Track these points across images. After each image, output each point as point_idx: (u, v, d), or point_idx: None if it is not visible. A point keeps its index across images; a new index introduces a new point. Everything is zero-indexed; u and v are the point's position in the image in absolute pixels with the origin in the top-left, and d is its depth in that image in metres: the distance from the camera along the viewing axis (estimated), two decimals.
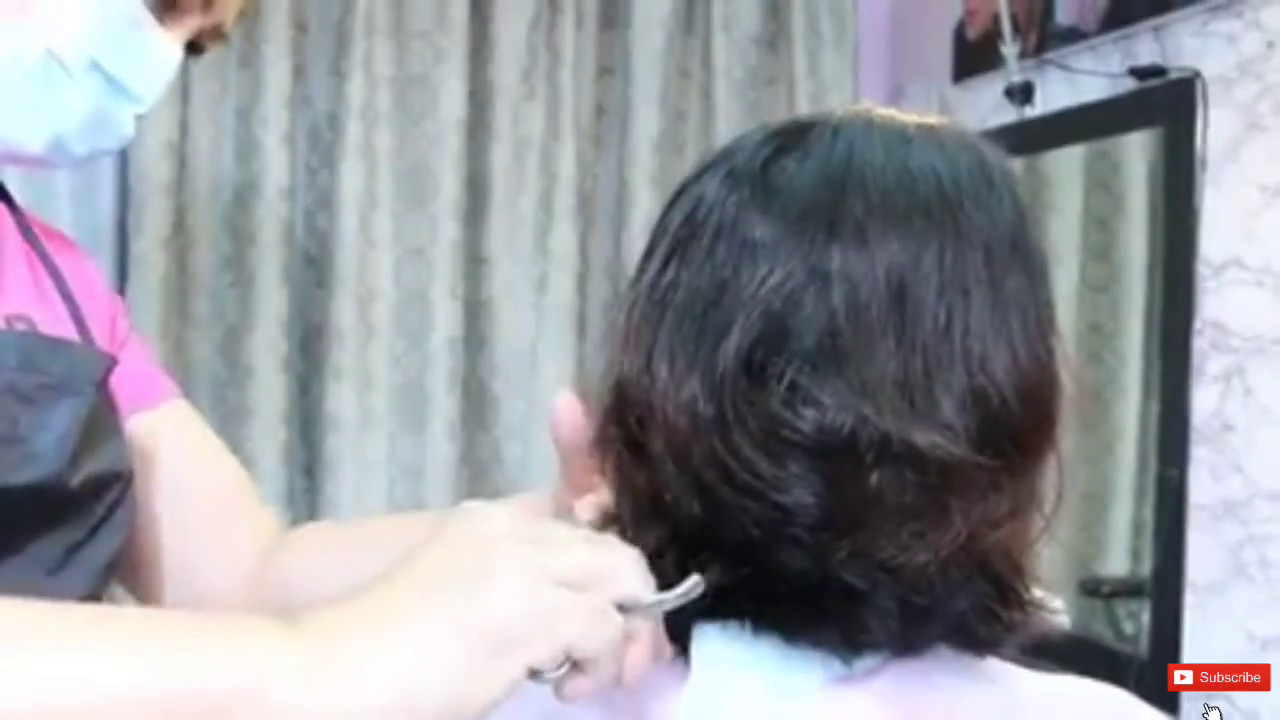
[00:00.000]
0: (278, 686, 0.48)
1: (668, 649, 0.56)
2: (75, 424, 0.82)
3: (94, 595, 0.86)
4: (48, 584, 0.80)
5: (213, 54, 1.00)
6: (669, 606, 0.54)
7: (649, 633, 0.54)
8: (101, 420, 0.86)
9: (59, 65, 0.86)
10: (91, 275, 0.99)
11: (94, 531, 0.85)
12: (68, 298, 0.92)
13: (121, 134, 0.92)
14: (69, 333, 0.90)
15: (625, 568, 0.53)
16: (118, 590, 0.95)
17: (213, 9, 0.93)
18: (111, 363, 0.87)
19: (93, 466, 0.84)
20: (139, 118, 0.92)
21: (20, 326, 0.86)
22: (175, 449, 0.96)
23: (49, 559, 0.82)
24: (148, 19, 0.89)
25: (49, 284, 0.92)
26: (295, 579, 0.93)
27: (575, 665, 0.51)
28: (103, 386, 0.86)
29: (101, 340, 0.93)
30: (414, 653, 0.49)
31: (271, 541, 0.98)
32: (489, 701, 0.50)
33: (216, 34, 0.96)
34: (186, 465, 0.96)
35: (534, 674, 0.51)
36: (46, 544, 0.82)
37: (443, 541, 0.52)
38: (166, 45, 0.91)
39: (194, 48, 0.94)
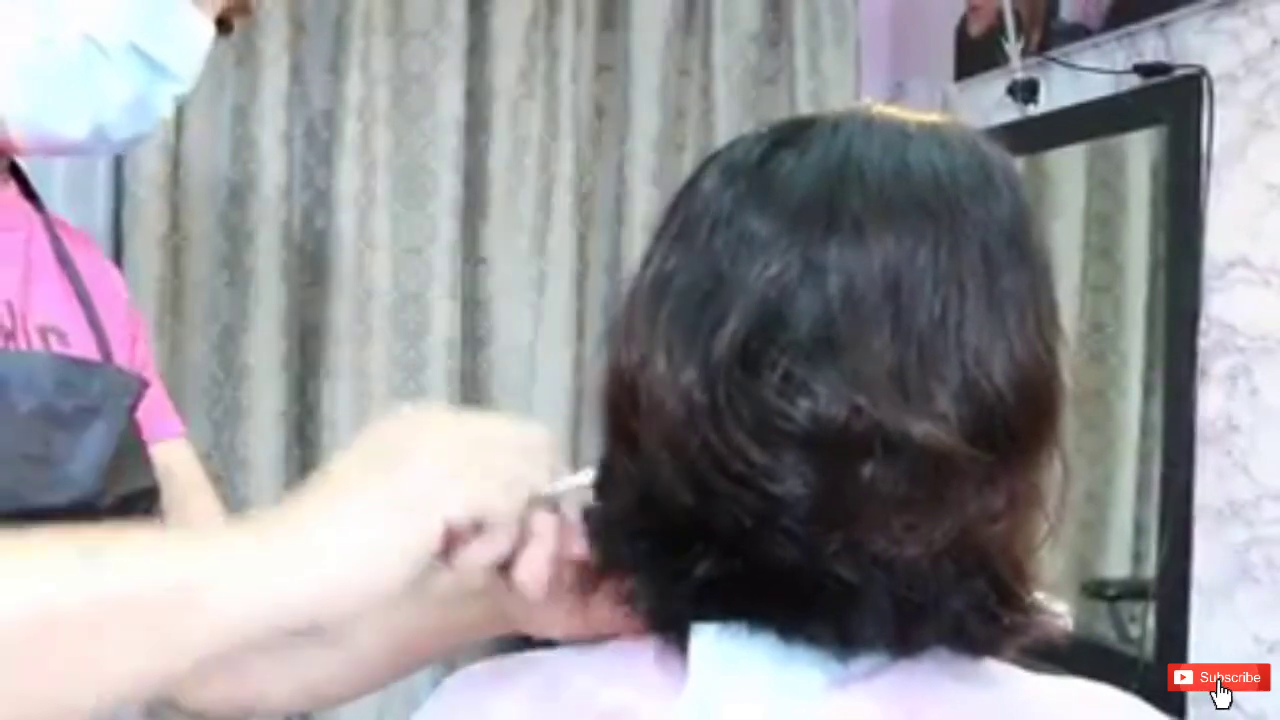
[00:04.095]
0: (236, 577, 0.54)
1: (577, 548, 0.59)
2: (109, 447, 0.84)
3: None
4: None
5: (210, 50, 0.99)
6: (564, 493, 0.58)
7: (550, 531, 0.58)
8: (129, 439, 0.87)
9: (97, 49, 0.86)
10: (114, 288, 0.99)
11: None
12: (92, 315, 0.92)
13: (159, 116, 0.92)
14: (93, 351, 0.90)
15: (536, 465, 0.59)
16: None
17: None
18: (144, 385, 0.89)
19: (122, 487, 0.85)
20: (177, 98, 0.92)
21: (53, 339, 0.87)
22: (170, 490, 0.96)
23: None
24: None
25: (76, 299, 0.92)
26: None
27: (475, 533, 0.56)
28: (134, 409, 0.87)
29: (121, 360, 0.94)
30: (349, 528, 0.55)
31: None
32: (411, 557, 0.55)
33: (243, 9, 0.96)
34: (178, 507, 0.97)
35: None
36: None
37: (375, 430, 0.58)
38: (199, 22, 0.91)
39: (222, 26, 0.94)
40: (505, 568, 0.59)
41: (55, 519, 0.79)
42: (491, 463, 0.56)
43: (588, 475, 0.58)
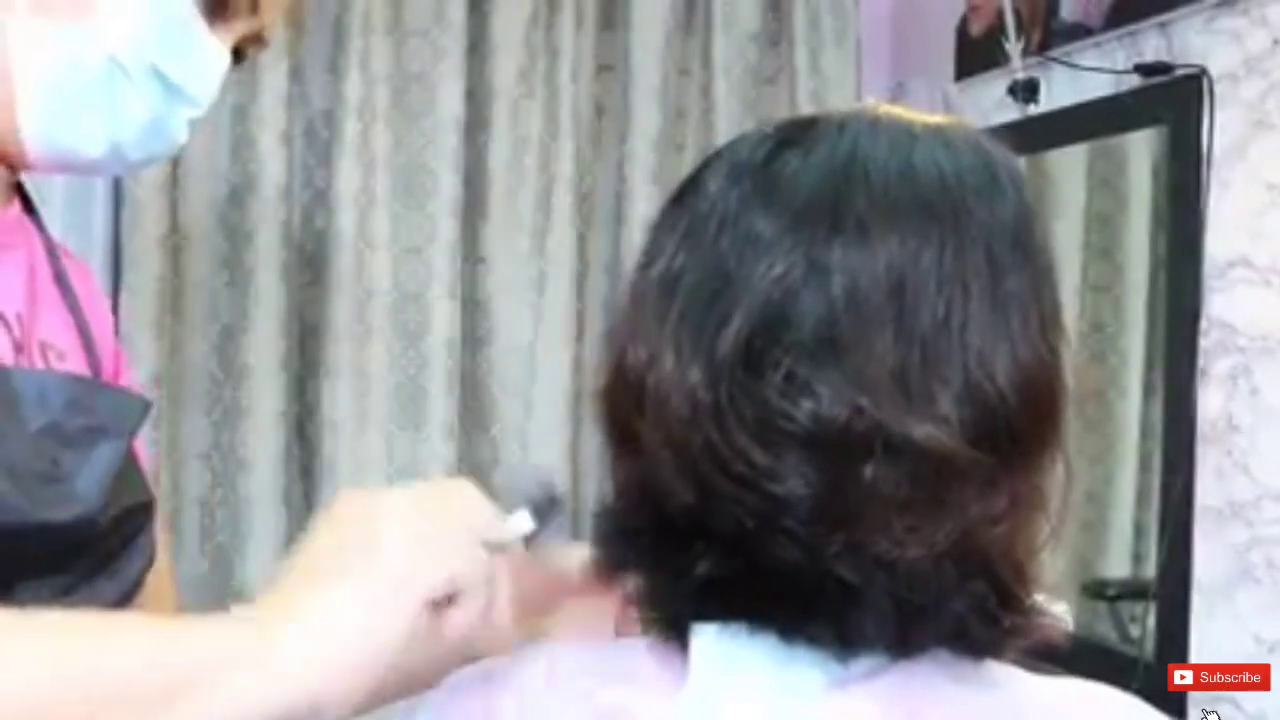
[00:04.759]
0: (234, 667, 0.56)
1: (529, 576, 0.66)
2: (113, 466, 0.85)
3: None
4: (72, 603, 0.82)
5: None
6: (507, 539, 0.63)
7: (505, 576, 0.62)
8: (128, 456, 0.88)
9: (121, 71, 0.86)
10: (104, 316, 1.00)
11: (120, 557, 0.87)
12: (86, 337, 0.93)
13: (175, 139, 0.93)
14: (84, 368, 0.91)
15: (475, 512, 0.63)
16: None
17: (259, 12, 0.94)
18: (148, 407, 0.90)
19: (121, 503, 0.86)
20: (192, 122, 0.93)
21: (52, 356, 0.88)
22: None
23: (78, 581, 0.83)
24: (200, 23, 0.90)
25: (72, 320, 0.93)
26: None
27: (451, 602, 0.60)
28: (137, 429, 0.89)
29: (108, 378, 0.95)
30: (337, 615, 0.57)
31: None
32: (400, 635, 0.58)
33: (258, 40, 0.96)
34: None
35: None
36: (79, 569, 0.84)
37: (332, 529, 0.61)
38: (217, 49, 0.91)
39: (236, 55, 0.95)
40: None
41: (58, 535, 0.80)
42: (448, 530, 0.60)
43: (523, 519, 0.65)
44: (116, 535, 0.87)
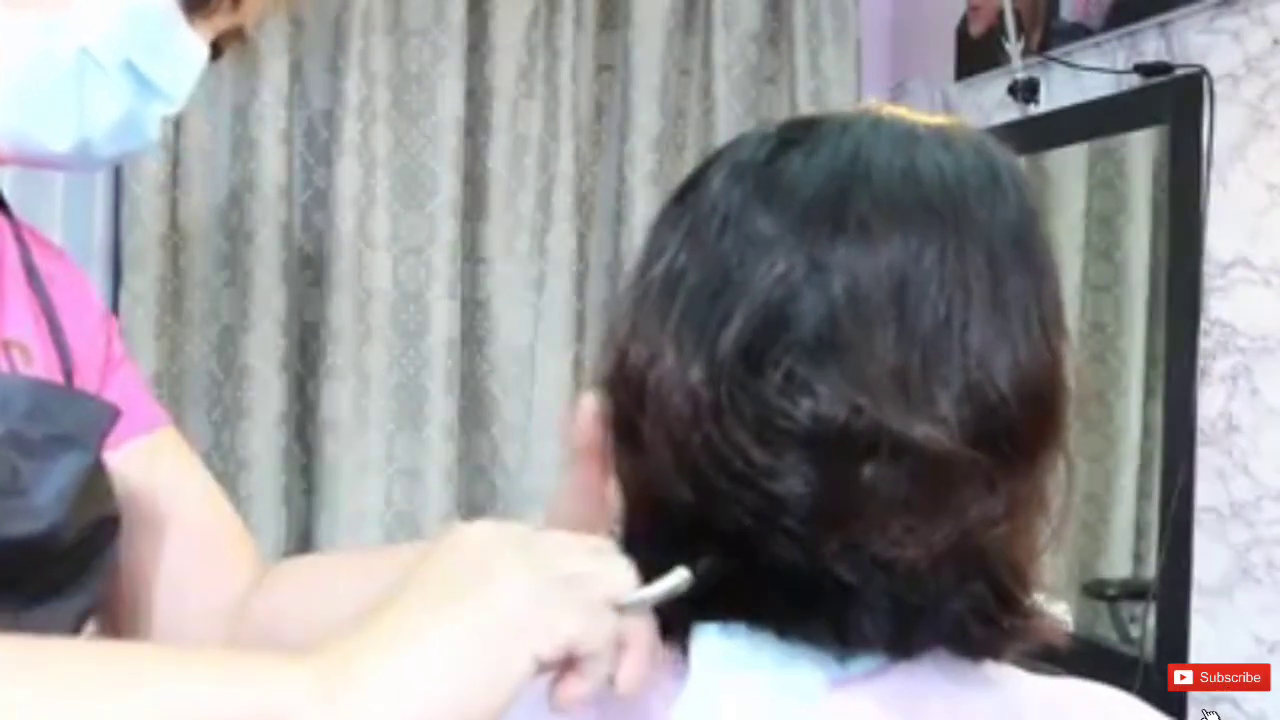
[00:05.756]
0: (311, 714, 0.48)
1: (661, 653, 0.56)
2: (78, 478, 0.80)
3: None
4: (26, 623, 0.78)
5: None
6: (656, 600, 0.54)
7: (644, 636, 0.54)
8: (96, 468, 0.84)
9: (94, 64, 0.84)
10: (84, 295, 0.96)
11: (79, 577, 0.83)
12: (57, 334, 0.89)
13: (148, 136, 0.90)
14: (55, 371, 0.88)
15: (614, 570, 0.54)
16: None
17: (240, 8, 0.91)
18: (116, 415, 0.85)
19: (86, 518, 0.82)
20: (164, 119, 0.90)
21: (16, 354, 0.85)
22: (164, 480, 0.94)
23: (30, 602, 0.80)
24: (178, 17, 0.87)
25: (42, 315, 0.89)
26: (286, 611, 0.92)
27: (569, 666, 0.52)
28: (105, 439, 0.84)
29: (89, 369, 0.91)
30: (422, 670, 0.49)
31: (256, 575, 0.96)
32: (504, 697, 0.50)
33: (238, 36, 0.94)
34: (175, 497, 0.94)
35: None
36: (30, 590, 0.80)
37: (440, 555, 0.53)
38: (195, 45, 0.89)
39: (214, 50, 0.92)
40: None
41: (15, 551, 0.76)
42: (575, 584, 0.52)
43: (679, 577, 0.55)
44: (79, 553, 0.82)
